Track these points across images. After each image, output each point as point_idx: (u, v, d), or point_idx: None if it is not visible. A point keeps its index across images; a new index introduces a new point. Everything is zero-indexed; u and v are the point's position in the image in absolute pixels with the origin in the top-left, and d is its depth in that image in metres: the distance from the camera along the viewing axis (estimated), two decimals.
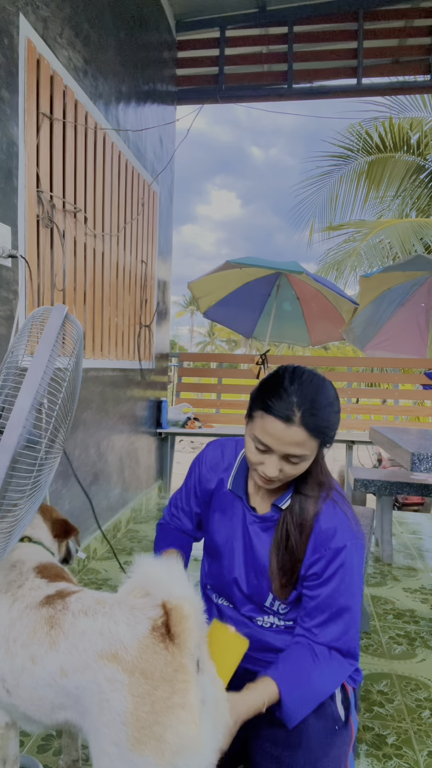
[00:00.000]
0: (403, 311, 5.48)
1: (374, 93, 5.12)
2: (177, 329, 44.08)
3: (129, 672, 0.92)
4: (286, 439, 1.12)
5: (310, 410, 1.11)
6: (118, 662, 0.93)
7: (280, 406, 1.11)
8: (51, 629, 1.04)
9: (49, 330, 1.10)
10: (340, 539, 1.20)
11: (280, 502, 1.25)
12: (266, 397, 1.14)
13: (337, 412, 1.18)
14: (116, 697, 0.91)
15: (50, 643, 1.02)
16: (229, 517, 1.36)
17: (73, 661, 0.98)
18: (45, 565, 1.25)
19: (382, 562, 3.29)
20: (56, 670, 1.00)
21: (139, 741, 0.88)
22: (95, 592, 1.12)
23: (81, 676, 0.97)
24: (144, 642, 0.94)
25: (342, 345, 16.55)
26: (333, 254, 9.84)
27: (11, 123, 2.10)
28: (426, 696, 1.93)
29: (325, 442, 1.17)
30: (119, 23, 3.28)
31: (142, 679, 0.91)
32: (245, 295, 5.52)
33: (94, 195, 2.98)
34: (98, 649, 0.96)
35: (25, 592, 1.14)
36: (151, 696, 0.90)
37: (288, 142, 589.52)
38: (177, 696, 0.90)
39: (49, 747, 1.62)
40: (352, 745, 1.27)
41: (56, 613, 1.06)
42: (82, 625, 1.01)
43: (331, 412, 1.15)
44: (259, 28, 4.71)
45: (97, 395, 3.20)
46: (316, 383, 1.15)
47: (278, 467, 1.16)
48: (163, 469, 4.88)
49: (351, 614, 1.21)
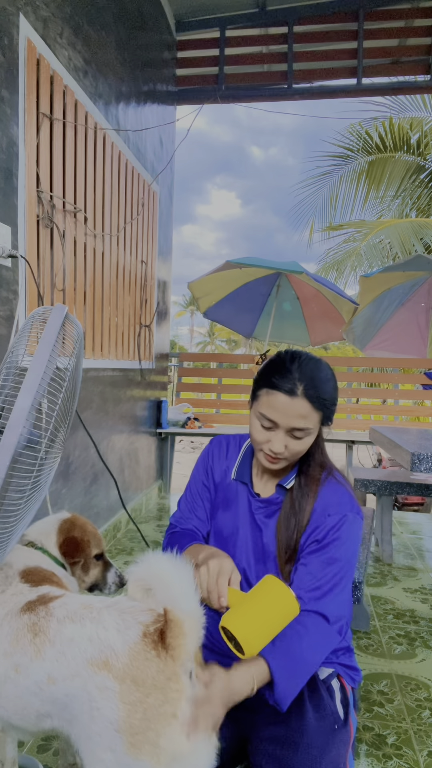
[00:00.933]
0: (403, 311, 5.48)
1: (374, 93, 5.12)
2: (177, 329, 44.11)
3: (120, 679, 0.91)
4: (292, 411, 1.19)
5: (311, 384, 1.19)
6: (108, 669, 0.92)
7: (284, 381, 1.19)
8: (35, 637, 1.02)
9: (49, 330, 1.10)
10: (339, 510, 1.24)
11: (285, 482, 1.31)
12: (271, 376, 1.22)
13: (335, 389, 1.26)
14: (107, 705, 0.90)
15: (35, 651, 1.00)
16: (234, 508, 1.38)
17: (61, 669, 0.96)
18: (32, 569, 1.22)
19: (382, 562, 3.29)
20: (42, 678, 0.98)
21: (134, 746, 0.88)
22: (80, 596, 1.10)
23: (70, 683, 0.95)
24: (135, 648, 0.93)
25: (342, 345, 16.55)
26: (333, 254, 9.85)
27: (11, 123, 2.10)
28: (426, 696, 1.93)
29: (326, 416, 1.24)
30: (119, 23, 3.28)
31: (134, 686, 0.90)
32: (245, 295, 5.52)
33: (94, 195, 2.98)
34: (88, 656, 0.94)
35: (6, 598, 1.12)
36: (143, 703, 0.89)
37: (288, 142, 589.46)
38: (169, 705, 0.89)
39: (49, 747, 1.62)
40: (352, 745, 1.27)
41: (39, 620, 1.04)
42: (69, 632, 0.99)
43: (330, 387, 1.24)
44: (259, 28, 4.71)
45: (97, 395, 3.20)
46: (315, 362, 1.24)
47: (284, 443, 1.22)
48: (163, 469, 4.88)
49: (342, 583, 1.21)
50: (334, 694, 1.27)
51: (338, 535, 1.22)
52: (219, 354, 19.28)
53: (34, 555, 1.29)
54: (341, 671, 1.33)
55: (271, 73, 4.89)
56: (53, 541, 1.37)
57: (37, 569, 1.23)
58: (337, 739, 1.22)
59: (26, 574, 1.20)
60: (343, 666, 1.34)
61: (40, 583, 1.17)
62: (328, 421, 1.26)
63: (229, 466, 1.42)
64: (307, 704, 1.23)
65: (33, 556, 1.28)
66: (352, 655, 1.39)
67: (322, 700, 1.24)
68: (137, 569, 0.97)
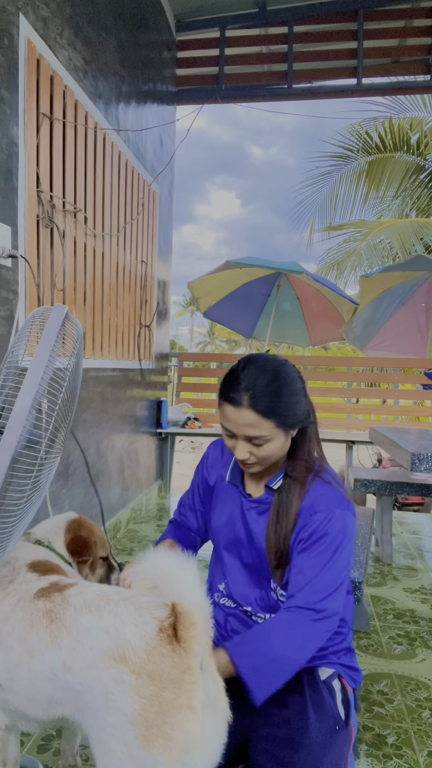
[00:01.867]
0: (403, 311, 5.48)
1: (374, 93, 5.11)
2: (177, 329, 44.11)
3: (136, 674, 0.92)
4: (240, 421, 1.20)
5: (255, 393, 1.19)
6: (125, 663, 0.93)
7: (231, 392, 1.21)
8: (51, 623, 1.03)
9: (49, 330, 1.10)
10: (326, 507, 1.23)
11: (271, 482, 1.31)
12: (223, 386, 1.24)
13: (290, 395, 1.22)
14: (123, 698, 0.92)
15: (51, 637, 1.01)
16: (229, 509, 1.40)
17: (77, 658, 0.98)
18: (39, 561, 1.24)
19: (382, 562, 3.29)
20: (58, 666, 0.99)
21: (147, 740, 0.89)
22: (94, 586, 1.11)
23: (86, 673, 0.96)
24: (151, 644, 0.94)
25: (342, 345, 16.55)
26: (333, 254, 9.85)
27: (11, 123, 2.10)
28: (426, 696, 1.93)
29: (282, 423, 1.21)
30: (119, 23, 3.28)
31: (150, 681, 0.91)
32: (245, 295, 5.52)
33: (94, 195, 2.98)
34: (105, 649, 0.96)
35: (16, 587, 1.13)
36: (158, 698, 0.90)
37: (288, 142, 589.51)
38: (184, 697, 0.91)
39: (49, 747, 1.62)
40: (352, 745, 1.27)
41: (55, 607, 1.05)
42: (87, 622, 1.00)
43: (281, 394, 1.21)
44: (259, 28, 4.71)
45: (97, 395, 3.20)
46: (268, 367, 1.22)
47: (246, 450, 1.23)
48: (163, 469, 4.88)
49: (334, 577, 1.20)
50: (335, 694, 1.28)
51: (326, 531, 1.21)
52: (219, 354, 19.28)
53: (40, 551, 1.31)
54: (342, 672, 1.33)
55: (271, 73, 4.89)
56: (61, 540, 1.39)
57: (44, 561, 1.26)
58: (338, 740, 1.22)
59: (34, 566, 1.22)
60: (344, 667, 1.34)
61: (47, 573, 1.19)
62: (288, 427, 1.24)
63: (224, 469, 1.45)
64: (309, 704, 1.23)
65: (40, 552, 1.30)
66: (353, 656, 1.39)
67: (323, 700, 1.25)
68: (141, 568, 0.99)
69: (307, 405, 1.29)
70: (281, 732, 1.19)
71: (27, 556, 1.25)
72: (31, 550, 1.29)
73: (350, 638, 1.39)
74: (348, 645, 1.37)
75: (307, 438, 1.31)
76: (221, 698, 1.01)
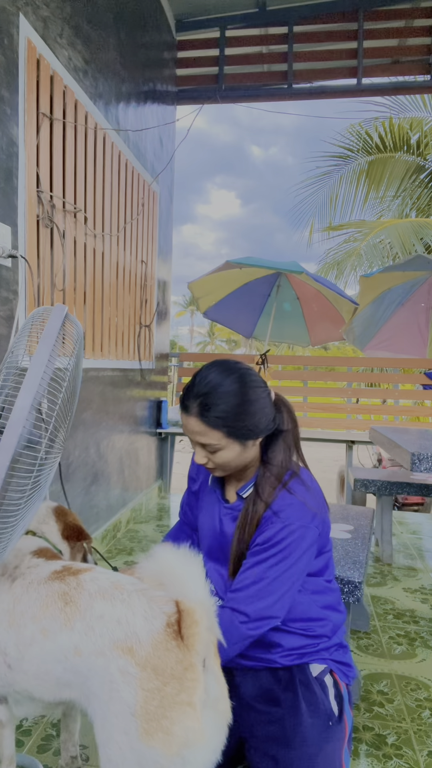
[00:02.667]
0: (403, 311, 5.47)
1: (374, 93, 5.11)
2: (177, 329, 44.10)
3: (141, 667, 0.94)
4: (189, 428, 1.23)
5: (203, 401, 1.19)
6: (132, 655, 0.95)
7: (184, 397, 1.23)
8: (65, 606, 1.05)
9: (49, 330, 1.10)
10: (285, 518, 1.23)
11: (242, 491, 1.33)
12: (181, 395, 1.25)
13: (246, 404, 1.20)
14: (127, 689, 0.93)
15: (65, 619, 1.03)
16: (209, 511, 1.43)
17: (88, 644, 0.99)
18: (42, 549, 1.27)
19: (382, 562, 3.29)
20: (70, 648, 1.01)
21: (147, 732, 0.91)
22: (110, 573, 1.12)
23: (94, 660, 0.98)
24: (158, 638, 0.96)
25: (342, 345, 16.54)
26: (333, 254, 9.84)
27: (11, 123, 2.10)
28: (426, 696, 1.93)
29: (235, 434, 1.21)
30: (119, 23, 3.28)
31: (154, 675, 0.93)
32: (245, 295, 5.52)
33: (94, 195, 2.98)
34: (114, 638, 0.97)
35: (23, 570, 1.15)
36: (160, 692, 0.92)
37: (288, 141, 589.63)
38: (185, 693, 0.92)
39: (49, 747, 1.62)
40: (347, 740, 1.28)
41: (70, 590, 1.07)
42: (100, 609, 1.02)
43: (232, 404, 1.19)
44: (259, 28, 4.71)
45: (97, 395, 3.20)
46: (226, 375, 1.21)
47: (203, 455, 1.25)
48: (163, 469, 4.88)
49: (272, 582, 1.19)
50: (327, 690, 1.28)
51: (279, 539, 1.21)
52: (219, 354, 19.27)
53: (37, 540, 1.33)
54: (334, 667, 1.34)
55: (271, 73, 4.89)
56: (54, 528, 1.42)
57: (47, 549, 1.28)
58: (332, 736, 1.22)
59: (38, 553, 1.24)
60: (336, 662, 1.35)
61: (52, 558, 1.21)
62: (242, 437, 1.22)
63: (208, 475, 1.46)
64: (301, 702, 1.23)
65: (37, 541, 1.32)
66: (346, 652, 1.39)
67: (316, 697, 1.25)
68: (149, 565, 1.00)
69: (274, 413, 1.27)
70: (275, 730, 1.20)
71: (29, 546, 1.28)
72: (30, 540, 1.32)
73: (341, 634, 1.39)
74: (339, 641, 1.37)
75: (276, 446, 1.30)
76: (223, 699, 1.01)
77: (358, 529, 2.30)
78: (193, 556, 0.97)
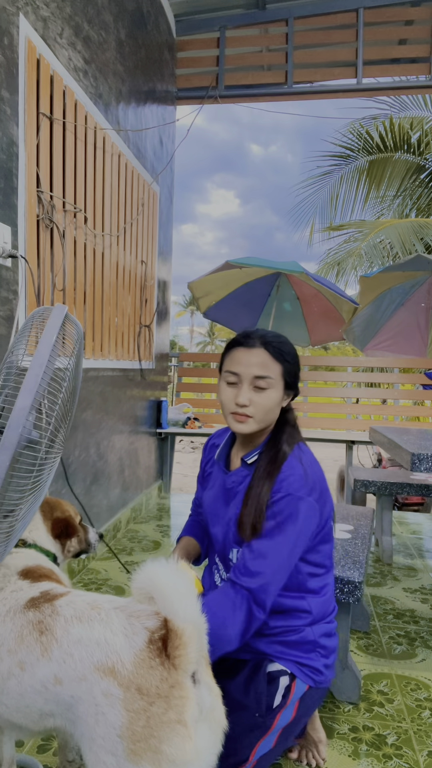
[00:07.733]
0: (403, 311, 5.47)
1: (374, 92, 5.11)
2: (177, 329, 44.10)
3: (125, 687, 0.92)
4: (251, 360, 1.32)
5: (269, 339, 1.34)
6: (114, 676, 0.93)
7: (244, 339, 1.35)
8: (41, 635, 1.01)
9: (49, 330, 1.10)
10: (285, 488, 1.27)
11: (247, 457, 1.38)
12: (231, 340, 1.39)
13: (296, 355, 1.38)
14: (111, 711, 0.91)
15: (42, 650, 1.00)
16: (214, 486, 1.49)
17: (68, 671, 0.97)
18: (30, 568, 1.22)
19: (382, 562, 3.29)
20: (49, 678, 0.98)
21: (135, 753, 0.89)
22: (87, 595, 1.09)
23: (77, 686, 0.95)
24: (140, 656, 0.93)
25: (342, 345, 16.54)
26: (333, 254, 9.83)
27: (11, 123, 2.10)
28: (426, 696, 1.93)
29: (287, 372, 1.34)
30: (119, 23, 3.28)
31: (138, 695, 0.91)
32: (245, 295, 5.51)
33: (94, 195, 2.98)
34: (95, 661, 0.95)
35: (6, 595, 1.12)
36: (146, 712, 0.90)
37: (288, 140, 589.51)
38: (173, 712, 0.90)
39: (49, 747, 1.62)
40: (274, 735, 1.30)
41: (45, 618, 1.03)
42: (77, 633, 0.99)
43: (289, 348, 1.37)
44: (258, 28, 4.71)
45: (97, 395, 3.20)
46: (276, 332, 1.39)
47: (248, 396, 1.31)
48: (163, 469, 4.88)
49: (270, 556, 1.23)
50: (278, 683, 1.31)
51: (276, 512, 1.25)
52: (219, 354, 19.26)
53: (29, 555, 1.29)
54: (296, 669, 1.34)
55: (271, 73, 4.89)
56: (43, 531, 1.38)
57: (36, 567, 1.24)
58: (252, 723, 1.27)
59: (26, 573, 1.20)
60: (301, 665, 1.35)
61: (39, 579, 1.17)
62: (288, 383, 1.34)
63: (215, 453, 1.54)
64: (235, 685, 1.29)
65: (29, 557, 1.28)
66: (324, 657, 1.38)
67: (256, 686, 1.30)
68: (139, 579, 0.98)
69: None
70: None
71: (17, 563, 1.24)
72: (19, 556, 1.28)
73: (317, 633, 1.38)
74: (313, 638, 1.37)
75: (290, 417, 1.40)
76: (217, 707, 1.00)
77: (358, 529, 2.30)
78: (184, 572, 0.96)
